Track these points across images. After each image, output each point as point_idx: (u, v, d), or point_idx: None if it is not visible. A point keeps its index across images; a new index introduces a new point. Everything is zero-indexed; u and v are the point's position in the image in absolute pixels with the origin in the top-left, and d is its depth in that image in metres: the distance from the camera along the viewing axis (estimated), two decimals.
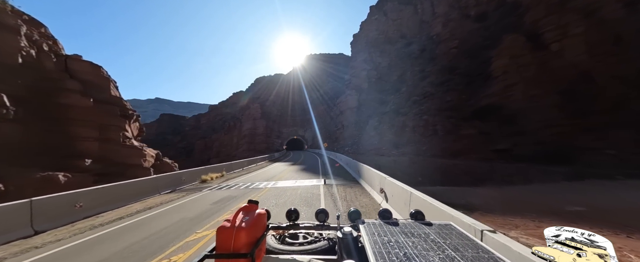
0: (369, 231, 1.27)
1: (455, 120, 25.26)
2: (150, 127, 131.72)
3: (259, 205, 1.38)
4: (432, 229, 1.28)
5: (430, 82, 38.50)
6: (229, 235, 1.11)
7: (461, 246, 1.06)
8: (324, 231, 1.67)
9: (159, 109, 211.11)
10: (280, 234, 1.66)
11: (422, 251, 1.03)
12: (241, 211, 1.27)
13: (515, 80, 24.49)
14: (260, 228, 1.28)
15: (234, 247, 1.09)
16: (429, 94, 33.74)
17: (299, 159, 27.32)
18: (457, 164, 19.18)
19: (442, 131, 25.17)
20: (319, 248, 1.43)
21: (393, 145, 28.32)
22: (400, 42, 64.02)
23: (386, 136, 30.98)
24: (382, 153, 27.82)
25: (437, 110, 28.33)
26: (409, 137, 27.95)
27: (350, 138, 41.47)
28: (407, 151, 25.77)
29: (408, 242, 1.12)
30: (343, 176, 13.72)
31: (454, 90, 31.15)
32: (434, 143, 24.49)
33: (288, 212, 1.73)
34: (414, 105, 33.29)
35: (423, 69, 45.54)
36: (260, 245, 1.20)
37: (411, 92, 38.57)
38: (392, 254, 1.00)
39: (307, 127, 64.01)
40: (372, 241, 1.14)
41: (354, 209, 1.61)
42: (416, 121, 28.94)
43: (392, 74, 53.15)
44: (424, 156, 23.15)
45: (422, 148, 24.84)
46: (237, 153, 58.53)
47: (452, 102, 28.85)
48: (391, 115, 34.14)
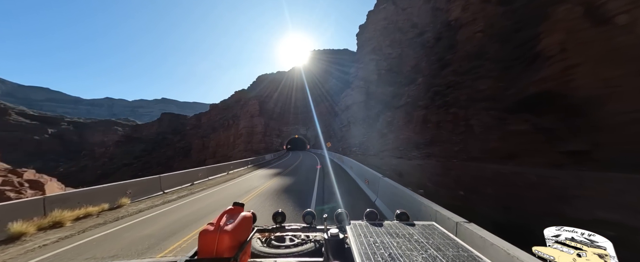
0: (356, 232, 1.28)
1: (496, 113, 19.53)
2: (151, 126, 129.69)
3: None
4: (415, 229, 1.29)
5: (453, 70, 32.74)
6: (212, 239, 1.07)
7: (443, 245, 1.09)
8: (311, 233, 1.64)
9: (165, 110, 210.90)
10: (267, 237, 1.61)
11: (406, 251, 1.05)
12: (225, 214, 1.21)
13: (578, 60, 18.56)
14: (246, 231, 1.25)
15: (217, 251, 1.06)
16: (454, 83, 28.01)
17: (293, 164, 21.81)
18: (513, 171, 13.55)
19: (479, 126, 19.51)
20: (306, 250, 1.41)
21: (413, 144, 22.78)
22: (411, 32, 58.29)
23: (403, 133, 25.44)
24: (399, 154, 22.32)
25: (468, 101, 22.65)
26: (434, 134, 22.36)
27: (358, 136, 35.97)
28: (432, 151, 20.22)
29: (393, 242, 1.15)
30: (358, 203, 8.16)
31: (486, 78, 25.37)
32: (470, 142, 18.87)
33: (274, 215, 1.72)
34: (436, 96, 27.62)
35: (442, 57, 39.77)
36: (245, 249, 1.17)
37: (430, 82, 32.85)
38: (378, 255, 1.02)
39: (309, 125, 58.80)
40: (358, 242, 1.15)
41: (340, 210, 1.62)
42: (441, 115, 23.32)
43: (404, 64, 47.41)
44: (458, 158, 17.57)
45: (454, 148, 19.25)
46: (233, 153, 53.87)
47: (486, 91, 23.10)
48: (408, 108, 28.55)
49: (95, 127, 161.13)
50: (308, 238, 1.57)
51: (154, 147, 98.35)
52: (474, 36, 36.16)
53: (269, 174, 15.20)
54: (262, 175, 14.93)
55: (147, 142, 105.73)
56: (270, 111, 59.87)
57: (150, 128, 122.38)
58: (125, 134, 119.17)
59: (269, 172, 16.72)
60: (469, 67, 30.92)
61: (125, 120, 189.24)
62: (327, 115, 57.34)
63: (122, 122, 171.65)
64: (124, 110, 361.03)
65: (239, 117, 60.53)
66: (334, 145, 40.90)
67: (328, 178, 12.59)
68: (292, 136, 57.76)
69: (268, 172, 16.30)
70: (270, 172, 16.68)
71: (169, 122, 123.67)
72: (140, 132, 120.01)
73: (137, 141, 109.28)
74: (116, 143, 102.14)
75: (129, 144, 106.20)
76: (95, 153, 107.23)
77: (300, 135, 58.06)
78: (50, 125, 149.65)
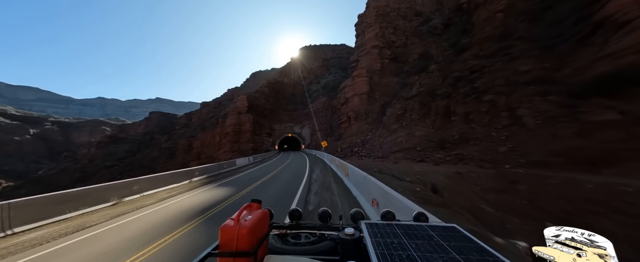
0: (372, 232, 1.24)
1: (558, 99, 13.99)
2: (138, 126, 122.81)
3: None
4: (435, 232, 1.24)
5: (473, 54, 27.32)
6: (233, 233, 1.08)
7: (465, 249, 1.04)
8: (327, 232, 1.59)
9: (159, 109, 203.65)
10: (283, 233, 1.59)
11: (425, 253, 1.00)
12: (244, 210, 1.23)
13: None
14: (263, 227, 1.26)
15: (237, 245, 1.07)
16: (480, 67, 22.52)
17: (265, 176, 13.51)
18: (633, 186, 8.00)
19: (534, 117, 13.95)
20: (321, 249, 1.36)
21: (436, 143, 17.17)
22: (416, 20, 53.02)
23: (419, 129, 19.85)
24: (419, 156, 16.68)
25: (507, 86, 17.12)
26: (463, 130, 16.82)
27: (361, 134, 30.30)
28: (466, 153, 14.62)
29: (411, 244, 1.10)
30: None
31: (525, 58, 19.88)
32: (524, 139, 13.32)
33: (291, 212, 1.70)
34: (459, 83, 22.09)
35: (456, 42, 34.42)
36: (263, 244, 1.18)
37: (446, 68, 27.35)
38: (395, 256, 0.98)
39: (304, 122, 53.06)
40: (374, 242, 1.12)
41: (356, 209, 1.63)
42: (471, 105, 17.79)
43: (411, 52, 41.94)
44: (513, 164, 11.96)
45: (499, 149, 13.66)
46: (218, 154, 47.98)
47: (531, 72, 17.57)
48: (422, 98, 22.95)
49: (82, 128, 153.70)
50: (324, 236, 1.53)
51: (140, 147, 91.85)
52: (494, 17, 30.94)
53: (197, 208, 7.53)
54: (177, 210, 7.39)
55: (133, 142, 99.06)
56: (261, 108, 53.98)
57: (137, 128, 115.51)
58: (110, 134, 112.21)
59: (208, 197, 9.01)
60: (495, 49, 25.52)
61: (115, 120, 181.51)
62: (323, 112, 51.64)
63: (111, 122, 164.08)
64: (117, 111, 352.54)
65: (225, 114, 54.69)
66: (331, 145, 35.20)
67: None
68: (285, 134, 51.94)
69: (203, 200, 8.60)
70: (209, 197, 8.99)
71: (158, 121, 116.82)
72: (127, 132, 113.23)
73: (123, 141, 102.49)
74: (98, 144, 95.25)
75: (113, 144, 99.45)
76: (78, 154, 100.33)
77: (294, 133, 52.26)
78: (32, 125, 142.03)
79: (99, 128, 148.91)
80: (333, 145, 34.34)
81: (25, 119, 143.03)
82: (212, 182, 12.41)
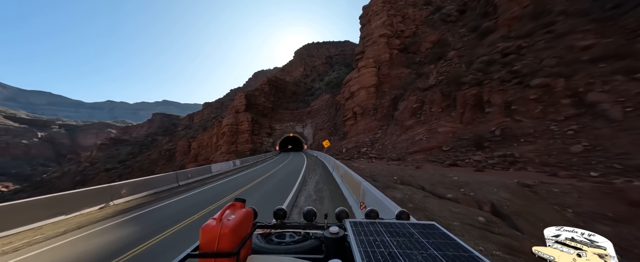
0: (356, 230, 1.26)
1: None
2: (141, 127, 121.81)
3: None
4: (416, 229, 1.27)
5: (501, 36, 23.16)
6: (214, 233, 1.05)
7: (443, 245, 1.07)
8: (311, 231, 1.60)
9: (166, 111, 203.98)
10: (267, 233, 1.57)
11: (406, 250, 1.03)
12: (227, 209, 1.19)
13: None
14: (247, 227, 1.24)
15: (219, 246, 1.04)
16: (517, 48, 18.40)
17: (228, 195, 8.71)
18: None
19: (619, 104, 9.90)
20: (306, 247, 1.36)
21: (470, 142, 13.22)
22: (426, 10, 48.76)
23: (443, 125, 15.94)
24: (448, 159, 12.76)
25: (564, 65, 13.05)
26: (505, 124, 12.86)
27: (369, 132, 26.44)
28: (518, 154, 10.68)
29: (393, 241, 1.13)
30: None
31: (575, 34, 15.66)
32: (606, 135, 9.40)
33: (275, 211, 1.65)
34: (490, 67, 18.03)
35: (476, 26, 30.25)
36: (246, 244, 1.16)
37: (470, 53, 23.25)
38: (378, 254, 1.00)
39: (306, 121, 49.47)
40: (358, 240, 1.13)
41: (341, 208, 1.62)
42: (512, 92, 13.83)
43: (422, 42, 37.78)
44: (603, 171, 7.99)
45: (570, 149, 9.65)
46: (215, 156, 44.92)
47: (594, 48, 13.40)
48: (444, 88, 19.00)
49: (88, 130, 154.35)
50: (308, 235, 1.53)
51: (141, 149, 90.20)
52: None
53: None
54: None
55: (135, 144, 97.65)
56: (261, 106, 50.66)
57: (140, 129, 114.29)
58: (112, 137, 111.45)
59: (85, 251, 4.40)
60: (530, 28, 21.34)
61: (121, 122, 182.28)
62: (327, 110, 47.95)
63: (117, 124, 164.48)
64: (125, 113, 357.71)
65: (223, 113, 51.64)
66: (335, 145, 31.47)
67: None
68: (286, 134, 48.47)
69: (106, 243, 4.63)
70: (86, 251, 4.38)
71: (161, 122, 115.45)
72: (130, 134, 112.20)
73: (125, 143, 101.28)
74: (100, 146, 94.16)
75: (115, 146, 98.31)
76: (81, 157, 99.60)
77: (296, 133, 48.73)
78: (40, 128, 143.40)
79: (104, 130, 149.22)
80: (337, 145, 30.58)
81: (33, 123, 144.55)
82: (143, 206, 7.75)
